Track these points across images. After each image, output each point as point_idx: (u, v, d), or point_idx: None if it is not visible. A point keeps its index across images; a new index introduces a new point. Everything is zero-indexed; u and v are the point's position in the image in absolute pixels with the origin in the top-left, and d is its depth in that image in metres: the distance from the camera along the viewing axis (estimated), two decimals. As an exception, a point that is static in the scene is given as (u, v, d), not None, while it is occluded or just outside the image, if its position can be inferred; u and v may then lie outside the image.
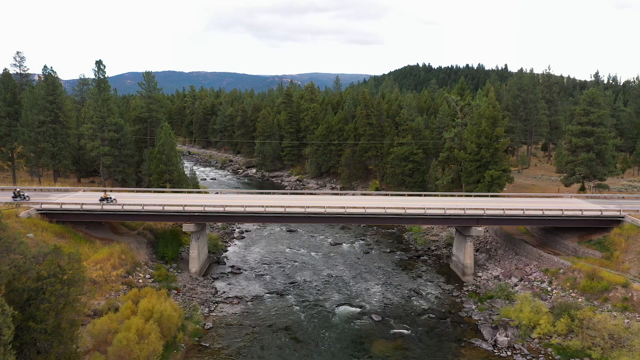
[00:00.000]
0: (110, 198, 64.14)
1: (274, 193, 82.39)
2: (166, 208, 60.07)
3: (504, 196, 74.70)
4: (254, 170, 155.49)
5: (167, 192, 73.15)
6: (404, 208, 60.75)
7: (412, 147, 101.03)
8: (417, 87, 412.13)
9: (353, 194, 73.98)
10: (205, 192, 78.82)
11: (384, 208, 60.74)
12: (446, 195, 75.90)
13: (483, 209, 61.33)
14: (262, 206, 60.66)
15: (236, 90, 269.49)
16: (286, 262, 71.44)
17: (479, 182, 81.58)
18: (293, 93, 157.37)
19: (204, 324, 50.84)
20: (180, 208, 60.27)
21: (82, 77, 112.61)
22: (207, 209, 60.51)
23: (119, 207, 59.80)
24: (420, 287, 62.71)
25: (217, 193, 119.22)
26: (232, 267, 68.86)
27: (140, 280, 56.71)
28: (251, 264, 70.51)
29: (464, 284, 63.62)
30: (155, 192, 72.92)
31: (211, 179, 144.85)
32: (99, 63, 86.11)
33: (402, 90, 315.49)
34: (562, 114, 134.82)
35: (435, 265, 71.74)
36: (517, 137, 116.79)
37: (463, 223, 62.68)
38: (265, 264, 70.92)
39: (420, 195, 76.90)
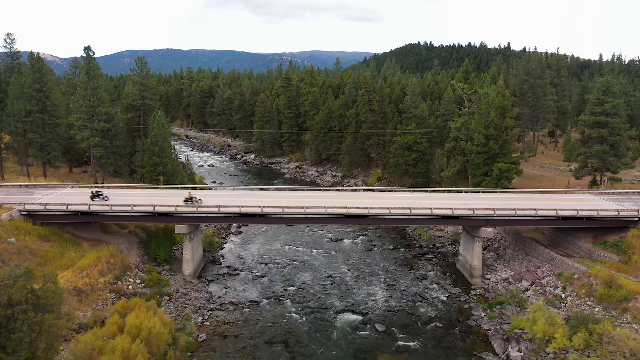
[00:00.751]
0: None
1: (272, 189, 78.62)
2: (157, 209, 56.63)
3: (513, 192, 71.22)
4: (252, 156, 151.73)
5: (160, 188, 69.61)
6: (409, 208, 57.31)
7: (416, 136, 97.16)
8: (419, 66, 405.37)
9: (353, 190, 70.51)
10: (201, 188, 74.95)
11: (388, 208, 57.29)
12: (453, 191, 72.35)
13: (493, 209, 57.90)
14: (259, 206, 57.20)
15: (234, 71, 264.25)
16: (285, 262, 68.27)
17: (487, 174, 78.02)
18: (292, 76, 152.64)
19: (197, 335, 47.81)
20: (172, 209, 56.83)
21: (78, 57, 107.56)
22: (200, 209, 57.07)
23: (107, 208, 56.37)
24: (426, 291, 59.63)
25: (214, 182, 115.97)
26: (229, 267, 65.70)
27: (130, 287, 53.56)
28: (248, 264, 67.37)
29: (472, 286, 60.51)
30: (147, 188, 69.41)
31: (209, 166, 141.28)
32: (87, 49, 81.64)
33: (404, 70, 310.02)
34: (568, 98, 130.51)
35: (441, 264, 68.59)
36: (524, 123, 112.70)
37: (471, 224, 59.36)
38: (263, 263, 67.77)
39: (426, 191, 73.40)
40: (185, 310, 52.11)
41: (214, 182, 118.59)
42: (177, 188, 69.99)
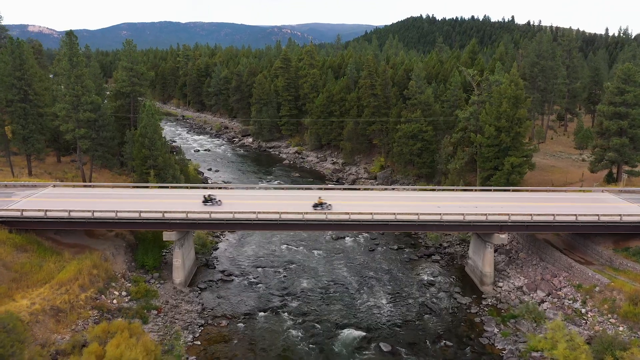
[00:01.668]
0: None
1: (270, 188, 73.62)
2: (143, 215, 52.15)
3: (527, 190, 66.65)
4: (250, 140, 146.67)
5: (151, 187, 64.99)
6: (416, 214, 52.87)
7: (421, 124, 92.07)
8: (421, 40, 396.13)
9: (354, 189, 65.87)
10: (195, 187, 69.89)
11: (394, 214, 52.83)
12: (462, 190, 67.80)
13: (508, 214, 53.46)
14: (254, 212, 52.74)
15: (232, 48, 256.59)
16: (282, 265, 64.16)
17: (497, 168, 73.40)
18: (291, 57, 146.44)
19: (187, 358, 43.96)
20: (160, 215, 52.37)
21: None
22: (190, 215, 52.64)
23: (88, 215, 51.89)
24: (434, 301, 55.65)
25: (210, 170, 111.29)
26: (223, 272, 61.60)
27: (115, 301, 49.49)
28: (243, 267, 63.28)
29: (483, 295, 56.49)
30: (135, 187, 64.80)
31: (205, 151, 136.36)
32: (69, 34, 76.07)
33: (406, 45, 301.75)
34: (580, 80, 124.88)
35: (449, 267, 64.51)
36: (534, 108, 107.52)
37: (484, 230, 55.02)
38: (259, 266, 63.64)
39: (434, 190, 68.84)
40: (174, 327, 48.18)
41: (209, 169, 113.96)
42: (168, 187, 65.24)
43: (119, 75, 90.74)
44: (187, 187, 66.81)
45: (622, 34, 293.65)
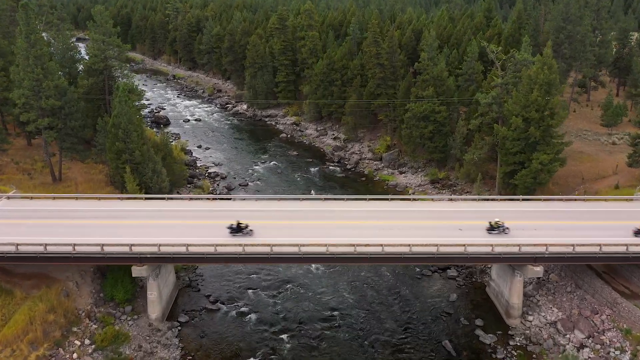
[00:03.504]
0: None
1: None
2: (106, 249, 43.36)
3: (560, 200, 57.55)
4: (245, 107, 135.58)
5: (123, 198, 55.70)
6: (436, 245, 44.01)
7: (434, 104, 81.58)
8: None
9: (360, 200, 56.64)
10: (181, 198, 60.27)
11: (409, 245, 43.97)
12: (484, 200, 58.72)
13: (545, 244, 44.62)
14: (241, 245, 43.85)
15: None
16: (276, 284, 55.83)
17: (523, 165, 64.05)
18: (288, 16, 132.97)
19: None
20: (127, 249, 43.54)
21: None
22: (163, 249, 43.76)
23: (40, 249, 43.00)
24: (452, 336, 47.84)
25: (199, 147, 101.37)
26: (208, 297, 53.35)
27: (75, 354, 41.52)
28: (232, 289, 54.97)
29: (509, 331, 48.54)
30: (102, 199, 55.27)
31: (195, 120, 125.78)
32: (25, 7, 64.67)
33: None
34: (609, 45, 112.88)
35: (467, 287, 56.25)
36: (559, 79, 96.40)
37: (516, 262, 46.39)
38: (249, 287, 55.29)
39: (452, 200, 59.98)
40: (146, 387, 40.48)
41: (199, 146, 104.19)
42: (140, 198, 55.93)
43: (90, 49, 79.37)
44: (170, 198, 57.28)
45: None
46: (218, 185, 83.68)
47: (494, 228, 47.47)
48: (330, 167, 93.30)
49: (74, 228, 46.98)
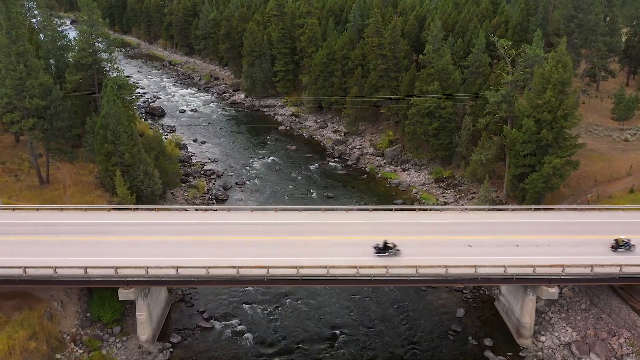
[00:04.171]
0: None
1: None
2: (90, 272, 40.37)
3: (574, 209, 54.31)
4: (242, 96, 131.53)
5: (110, 209, 52.50)
6: (444, 267, 40.99)
7: (439, 99, 77.91)
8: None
9: (362, 210, 53.64)
10: (168, 209, 56.62)
11: (415, 267, 40.95)
12: (493, 209, 55.53)
13: (561, 265, 41.61)
14: (235, 267, 40.83)
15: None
16: (274, 299, 52.89)
17: (534, 168, 60.80)
18: (286, 2, 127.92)
19: None
20: (112, 271, 40.52)
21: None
22: (151, 271, 40.76)
23: (19, 272, 40.02)
24: (461, 357, 45.27)
25: (195, 141, 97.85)
26: (201, 313, 50.57)
27: (58, 386, 38.88)
28: (226, 305, 52.06)
29: (520, 351, 45.86)
30: (88, 210, 51.99)
31: (191, 111, 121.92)
32: (5, 1, 60.73)
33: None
34: (620, 33, 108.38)
35: (475, 299, 53.45)
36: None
37: (530, 283, 43.42)
38: (245, 302, 52.49)
39: (461, 210, 56.68)
40: (134, 421, 37.87)
41: (194, 140, 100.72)
42: (129, 209, 52.67)
43: (77, 42, 75.36)
44: (173, 209, 54.21)
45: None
46: (214, 184, 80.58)
47: (620, 246, 44.15)
48: (331, 164, 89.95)
49: (56, 246, 43.94)
